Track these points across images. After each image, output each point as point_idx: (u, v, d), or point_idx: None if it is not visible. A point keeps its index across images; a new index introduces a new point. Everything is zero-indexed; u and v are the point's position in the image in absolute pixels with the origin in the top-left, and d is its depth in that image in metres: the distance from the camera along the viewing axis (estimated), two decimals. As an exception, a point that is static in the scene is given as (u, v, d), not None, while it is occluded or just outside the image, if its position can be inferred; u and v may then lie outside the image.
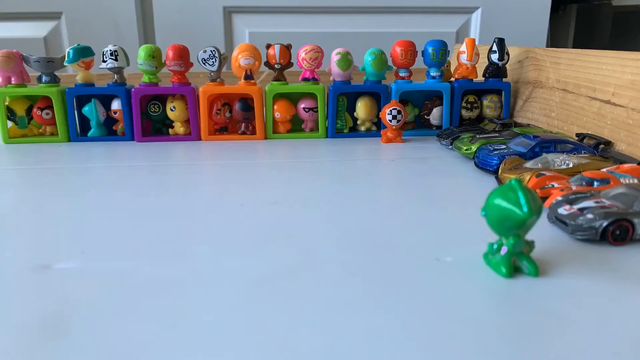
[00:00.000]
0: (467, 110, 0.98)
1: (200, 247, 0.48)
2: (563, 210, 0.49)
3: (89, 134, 0.97)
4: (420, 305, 0.37)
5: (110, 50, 0.93)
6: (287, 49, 0.94)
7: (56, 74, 0.95)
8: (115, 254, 0.46)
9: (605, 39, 1.74)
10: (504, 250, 0.41)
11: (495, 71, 0.97)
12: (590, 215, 0.46)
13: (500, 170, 0.64)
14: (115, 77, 0.94)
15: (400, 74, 0.97)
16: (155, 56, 0.92)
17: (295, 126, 0.99)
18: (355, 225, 0.53)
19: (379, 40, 1.22)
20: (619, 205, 0.47)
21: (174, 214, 0.57)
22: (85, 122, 0.98)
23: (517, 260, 0.41)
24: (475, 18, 1.50)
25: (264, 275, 0.42)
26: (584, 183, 0.54)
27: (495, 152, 0.70)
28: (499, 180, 0.63)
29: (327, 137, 0.97)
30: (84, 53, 0.93)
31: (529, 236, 0.41)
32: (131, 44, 1.36)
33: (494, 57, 0.96)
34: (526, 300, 0.37)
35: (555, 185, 0.55)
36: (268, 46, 0.95)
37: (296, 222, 0.54)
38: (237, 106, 0.95)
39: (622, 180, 0.54)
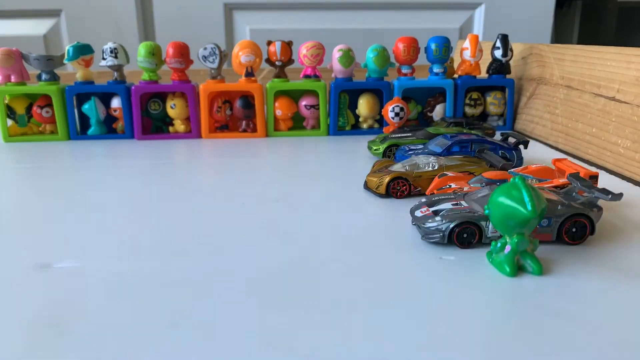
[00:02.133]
0: (471, 107, 0.97)
1: (200, 246, 0.47)
2: (419, 213, 0.48)
3: (89, 132, 0.96)
4: (423, 304, 0.36)
5: (110, 48, 0.92)
6: (288, 45, 0.94)
7: (56, 71, 0.95)
8: (115, 253, 0.46)
9: (610, 35, 1.73)
10: (507, 248, 0.40)
11: (499, 68, 0.96)
12: (438, 219, 0.45)
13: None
14: (115, 75, 0.94)
15: (403, 71, 0.96)
16: (155, 53, 0.92)
17: (297, 124, 0.99)
18: (357, 223, 0.52)
19: (381, 36, 1.21)
20: (477, 208, 0.45)
21: (174, 213, 0.56)
22: (85, 120, 0.97)
23: (521, 258, 0.41)
24: (479, 14, 1.49)
25: (264, 274, 0.41)
26: (483, 184, 0.52)
27: (410, 152, 0.68)
28: (365, 183, 0.61)
29: (328, 134, 0.96)
30: (83, 51, 0.93)
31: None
32: (131, 41, 1.36)
33: (498, 53, 0.95)
34: (530, 299, 0.37)
35: (453, 186, 0.53)
36: (269, 43, 0.94)
37: (297, 221, 0.53)
38: (237, 104, 0.94)
39: None
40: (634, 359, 0.31)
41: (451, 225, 0.44)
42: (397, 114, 0.87)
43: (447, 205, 0.47)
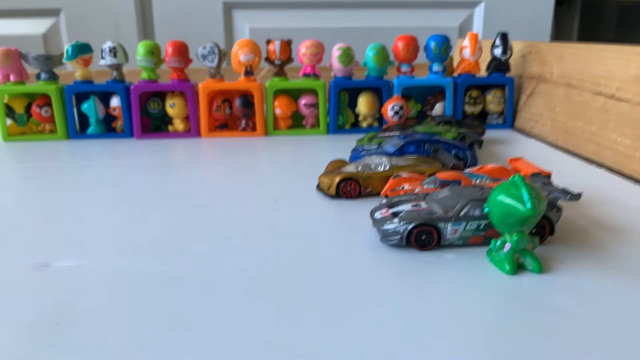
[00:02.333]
0: (470, 106, 0.97)
1: (200, 245, 0.47)
2: (379, 215, 0.47)
3: (88, 131, 0.96)
4: (422, 302, 0.36)
5: (109, 47, 0.92)
6: (287, 44, 0.93)
7: (55, 71, 0.95)
8: (114, 252, 0.46)
9: (610, 33, 1.73)
10: (507, 247, 0.40)
11: (499, 66, 0.96)
12: (396, 220, 0.44)
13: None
14: (114, 74, 0.94)
15: (402, 69, 0.96)
16: (154, 52, 0.92)
17: (296, 122, 0.99)
18: (357, 222, 0.52)
19: (380, 35, 1.21)
20: (437, 209, 0.44)
21: (173, 212, 0.56)
22: (84, 120, 0.97)
23: (521, 257, 0.41)
24: (479, 12, 1.49)
25: (264, 273, 0.41)
26: (437, 184, 0.52)
27: (362, 153, 0.68)
28: (318, 185, 0.61)
29: (328, 133, 0.96)
30: (82, 50, 0.93)
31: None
32: (130, 40, 1.35)
33: (497, 51, 0.95)
34: (529, 297, 0.37)
35: (406, 187, 0.53)
36: (268, 42, 0.94)
37: (297, 220, 0.53)
38: (237, 102, 0.94)
39: (473, 181, 0.52)
40: (633, 357, 0.30)
41: (409, 227, 0.43)
42: (396, 113, 0.87)
43: (406, 207, 0.46)
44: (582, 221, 0.51)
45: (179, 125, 0.96)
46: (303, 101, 0.95)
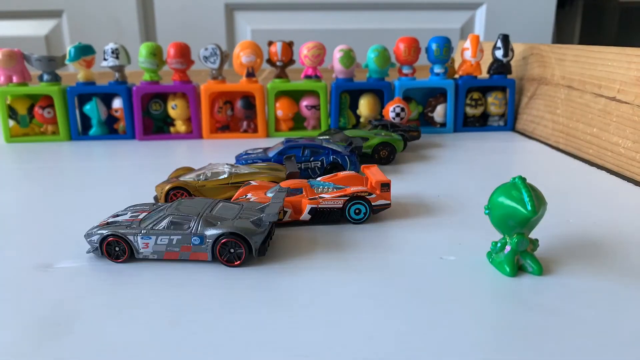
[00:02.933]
0: (472, 108, 0.97)
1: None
2: (96, 225, 0.45)
3: (90, 132, 0.96)
4: (423, 305, 0.36)
5: (111, 49, 0.93)
6: (289, 46, 0.94)
7: (57, 72, 0.95)
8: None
9: (612, 35, 1.73)
10: (507, 248, 0.40)
11: (500, 68, 0.96)
12: (97, 230, 0.44)
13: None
14: (117, 76, 0.94)
15: (404, 71, 0.96)
16: (156, 54, 0.92)
17: (298, 124, 0.99)
18: (357, 223, 0.52)
19: (381, 37, 1.21)
20: (144, 221, 0.44)
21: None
22: (86, 121, 0.98)
23: (521, 258, 0.41)
24: (480, 14, 1.49)
25: (265, 273, 0.41)
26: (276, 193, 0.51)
27: (243, 157, 0.67)
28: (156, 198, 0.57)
29: (329, 135, 0.96)
30: (85, 51, 0.93)
31: (532, 234, 0.41)
32: (132, 42, 1.36)
33: (499, 53, 0.95)
34: (530, 299, 0.37)
35: (249, 196, 0.52)
36: (270, 43, 0.94)
37: (296, 220, 0.53)
38: (238, 104, 0.94)
39: (315, 189, 0.52)
40: (633, 357, 0.31)
41: (100, 238, 0.43)
42: (397, 114, 0.87)
43: (122, 218, 0.45)
44: (583, 223, 0.51)
45: (180, 126, 0.96)
46: (304, 103, 0.96)
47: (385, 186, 0.52)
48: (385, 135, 0.75)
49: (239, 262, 0.42)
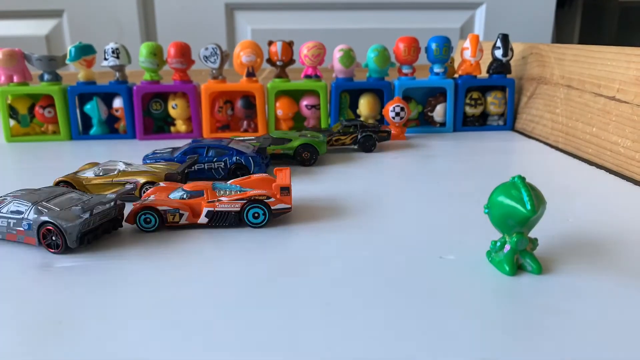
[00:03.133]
0: (471, 107, 0.98)
1: (200, 244, 0.47)
2: None
3: (91, 132, 0.97)
4: (423, 304, 0.36)
5: (111, 48, 0.93)
6: (289, 45, 0.94)
7: (58, 72, 0.95)
8: (115, 252, 0.46)
9: (611, 35, 1.73)
10: (507, 248, 0.40)
11: (500, 67, 0.96)
12: None
13: None
14: (117, 75, 0.94)
15: (404, 71, 0.96)
16: (156, 54, 0.92)
17: (298, 123, 0.99)
18: (356, 223, 0.52)
19: (381, 36, 1.21)
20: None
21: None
22: (87, 121, 0.98)
23: (520, 258, 0.41)
24: (480, 14, 1.49)
25: (265, 273, 0.41)
26: (185, 196, 0.51)
27: (150, 157, 0.67)
28: None
29: (329, 134, 0.96)
30: (85, 51, 0.93)
31: (532, 233, 0.41)
32: (133, 41, 1.36)
33: (498, 53, 0.95)
34: (529, 298, 0.37)
35: (152, 197, 0.52)
36: (270, 43, 0.94)
37: (297, 220, 0.53)
38: (239, 104, 0.94)
39: (217, 191, 0.52)
40: (633, 358, 0.31)
41: None
42: (397, 114, 0.87)
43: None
44: (582, 222, 0.51)
45: (181, 126, 0.96)
46: (304, 102, 0.96)
47: (285, 190, 0.51)
48: (312, 137, 0.76)
49: (59, 249, 0.45)
